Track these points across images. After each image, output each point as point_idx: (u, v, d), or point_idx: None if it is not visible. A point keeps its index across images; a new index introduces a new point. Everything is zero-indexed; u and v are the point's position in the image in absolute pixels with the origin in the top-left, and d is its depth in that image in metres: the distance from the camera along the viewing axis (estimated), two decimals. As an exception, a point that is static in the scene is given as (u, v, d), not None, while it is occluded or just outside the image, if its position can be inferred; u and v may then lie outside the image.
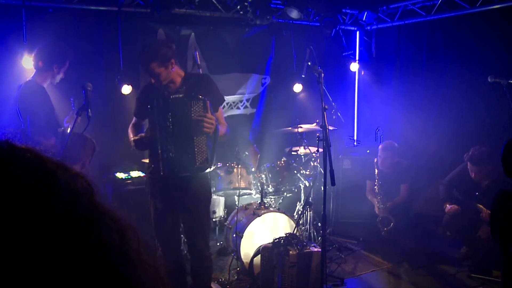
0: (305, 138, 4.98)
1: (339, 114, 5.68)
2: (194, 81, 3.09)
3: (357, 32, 6.68)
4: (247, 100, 5.93)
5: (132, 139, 3.08)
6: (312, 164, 4.86)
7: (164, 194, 3.08)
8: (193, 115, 2.88)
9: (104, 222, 0.51)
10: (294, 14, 5.54)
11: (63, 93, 4.31)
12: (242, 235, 4.07)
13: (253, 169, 4.60)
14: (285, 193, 4.72)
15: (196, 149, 2.91)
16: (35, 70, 3.50)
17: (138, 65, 5.17)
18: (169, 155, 2.92)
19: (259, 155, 5.08)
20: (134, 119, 3.29)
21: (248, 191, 4.69)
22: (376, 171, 5.16)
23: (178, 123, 2.91)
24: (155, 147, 2.95)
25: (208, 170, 3.08)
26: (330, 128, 4.21)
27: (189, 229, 3.21)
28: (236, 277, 4.14)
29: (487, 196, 4.23)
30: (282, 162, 4.70)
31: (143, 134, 3.01)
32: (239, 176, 4.58)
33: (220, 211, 4.84)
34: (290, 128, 4.99)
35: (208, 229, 3.33)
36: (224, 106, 5.38)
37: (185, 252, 4.17)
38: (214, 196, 4.36)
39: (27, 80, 3.44)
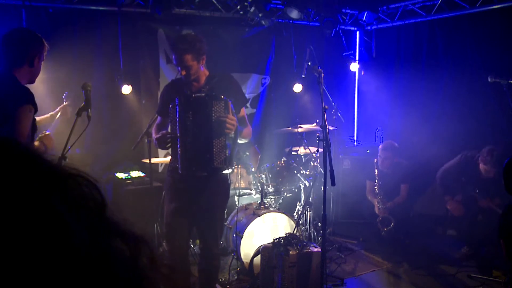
0: (305, 138, 4.98)
1: (339, 114, 5.68)
2: (217, 81, 3.08)
3: (357, 32, 6.68)
4: (248, 101, 5.93)
5: (154, 137, 3.09)
6: (312, 164, 4.86)
7: (181, 193, 3.08)
8: (213, 115, 2.89)
9: (115, 235, 0.49)
10: (294, 14, 5.54)
11: (63, 93, 4.31)
12: (242, 235, 4.07)
13: (253, 169, 4.60)
14: (285, 193, 4.72)
15: (214, 150, 2.92)
16: None
17: (138, 65, 5.18)
18: (187, 153, 2.93)
19: (259, 156, 5.08)
20: (158, 118, 3.28)
21: (248, 191, 4.69)
22: (376, 171, 5.16)
23: (198, 122, 2.91)
24: (175, 145, 2.96)
25: (227, 171, 3.07)
26: (330, 128, 4.21)
27: (201, 227, 3.21)
28: (236, 277, 4.14)
29: (496, 185, 4.25)
30: (282, 162, 4.69)
31: (165, 132, 3.00)
32: (239, 176, 4.58)
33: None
34: (290, 128, 4.99)
35: (221, 230, 3.36)
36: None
37: (192, 247, 4.19)
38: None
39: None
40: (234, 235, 4.22)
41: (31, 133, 2.70)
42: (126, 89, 4.81)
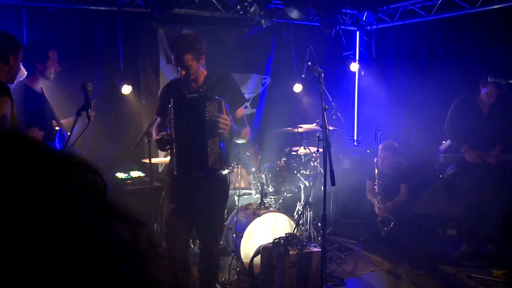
0: (305, 138, 4.98)
1: (339, 114, 5.68)
2: (215, 81, 3.08)
3: (357, 32, 6.68)
4: (247, 100, 5.93)
5: (154, 138, 3.10)
6: (312, 164, 4.86)
7: (179, 193, 3.08)
8: (207, 115, 2.89)
9: (117, 219, 0.51)
10: (294, 14, 5.54)
11: (63, 93, 4.31)
12: (242, 235, 4.07)
13: (253, 169, 4.60)
14: (285, 193, 4.72)
15: (209, 150, 2.92)
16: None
17: (138, 65, 5.18)
18: (182, 154, 2.94)
19: (260, 156, 5.08)
20: (158, 119, 3.28)
21: (248, 191, 4.69)
22: (376, 171, 5.16)
23: (192, 123, 2.91)
24: (171, 146, 2.97)
25: (223, 171, 3.08)
26: (330, 128, 4.21)
27: (201, 227, 3.22)
28: (236, 277, 4.14)
29: (492, 119, 4.36)
30: (282, 162, 4.69)
31: (164, 133, 3.01)
32: (239, 176, 4.58)
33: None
34: (290, 128, 4.99)
35: (221, 230, 3.35)
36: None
37: (192, 247, 4.19)
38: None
39: (19, 81, 3.41)
40: (234, 235, 4.22)
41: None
42: (126, 89, 4.81)
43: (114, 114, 5.06)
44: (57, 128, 3.26)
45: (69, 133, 3.06)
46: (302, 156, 5.07)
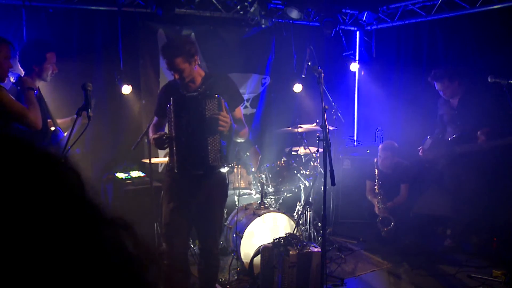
0: (305, 138, 4.98)
1: (339, 114, 5.67)
2: (213, 81, 3.11)
3: (357, 32, 6.68)
4: (247, 100, 5.93)
5: (151, 137, 3.12)
6: (312, 164, 4.86)
7: (178, 192, 3.09)
8: (207, 113, 2.91)
9: (99, 218, 0.51)
10: (294, 14, 5.54)
11: (63, 93, 4.32)
12: (242, 235, 4.07)
13: (253, 169, 4.60)
14: (285, 193, 4.72)
15: (209, 148, 2.94)
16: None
17: (138, 65, 5.18)
18: (182, 152, 2.96)
19: (260, 156, 5.08)
20: (155, 118, 3.30)
21: (248, 191, 4.69)
22: (376, 171, 5.16)
23: (192, 121, 2.94)
24: (171, 145, 2.99)
25: (223, 169, 3.09)
26: (330, 128, 4.21)
27: (200, 227, 3.22)
28: (236, 277, 4.14)
29: (462, 113, 4.59)
30: (282, 162, 4.70)
31: (162, 133, 3.02)
32: (239, 176, 4.58)
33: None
34: (290, 128, 4.99)
35: (220, 229, 3.36)
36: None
37: (192, 247, 4.19)
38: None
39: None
40: (234, 235, 4.22)
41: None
42: (126, 89, 4.81)
43: (114, 114, 5.06)
44: (52, 128, 3.25)
45: (66, 133, 3.06)
46: (302, 156, 5.07)
